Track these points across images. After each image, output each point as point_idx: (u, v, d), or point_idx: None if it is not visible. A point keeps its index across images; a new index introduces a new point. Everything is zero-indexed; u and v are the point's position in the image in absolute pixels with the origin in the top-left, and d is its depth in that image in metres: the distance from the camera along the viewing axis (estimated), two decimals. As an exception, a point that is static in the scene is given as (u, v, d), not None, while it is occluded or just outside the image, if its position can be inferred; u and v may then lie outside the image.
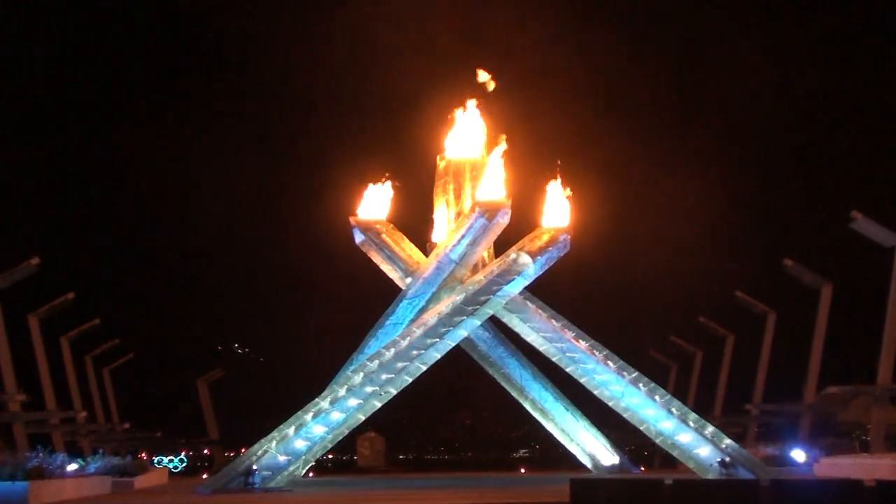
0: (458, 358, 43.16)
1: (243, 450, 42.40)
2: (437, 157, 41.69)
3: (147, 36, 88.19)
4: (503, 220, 38.19)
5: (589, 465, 42.77)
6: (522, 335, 39.19)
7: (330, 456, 64.95)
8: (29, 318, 46.45)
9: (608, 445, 42.78)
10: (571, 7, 74.75)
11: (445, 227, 40.46)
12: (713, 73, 74.47)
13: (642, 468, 48.37)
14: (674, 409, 37.29)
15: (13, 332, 42.84)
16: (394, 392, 36.11)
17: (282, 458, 34.52)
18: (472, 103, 41.87)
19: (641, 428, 37.86)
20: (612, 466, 42.11)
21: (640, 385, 37.32)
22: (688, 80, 79.53)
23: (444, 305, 37.24)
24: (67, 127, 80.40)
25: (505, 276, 37.58)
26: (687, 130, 78.89)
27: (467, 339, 41.06)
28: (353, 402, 35.36)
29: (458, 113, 41.92)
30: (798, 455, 40.16)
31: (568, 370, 38.12)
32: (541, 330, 38.39)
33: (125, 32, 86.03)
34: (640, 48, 77.08)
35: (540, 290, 39.78)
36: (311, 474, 46.43)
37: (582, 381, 37.98)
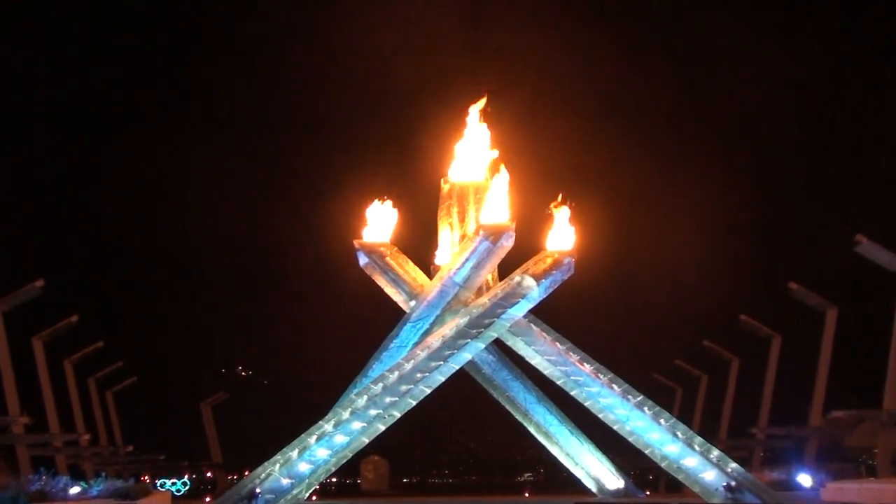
0: (462, 381, 43.03)
1: (246, 473, 42.26)
2: (441, 181, 41.75)
3: (148, 53, 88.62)
4: (507, 243, 38.18)
5: (594, 489, 42.50)
6: (527, 358, 39.08)
7: (333, 479, 64.83)
8: (32, 340, 46.45)
9: (613, 469, 42.53)
10: (574, 19, 75.12)
11: (449, 250, 40.46)
12: (717, 92, 74.73)
13: (647, 492, 48.07)
14: (679, 433, 37.11)
15: (17, 355, 42.82)
16: (398, 415, 36.00)
17: (285, 482, 34.40)
18: (475, 126, 41.93)
19: (646, 452, 37.67)
20: (617, 490, 41.84)
21: (646, 408, 37.17)
22: (691, 101, 79.77)
23: (448, 328, 37.18)
24: (71, 148, 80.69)
25: (509, 300, 37.53)
26: (691, 152, 79.00)
27: (471, 363, 40.94)
28: (356, 425, 35.25)
29: (462, 136, 42.01)
30: (804, 479, 39.94)
31: (572, 393, 37.99)
32: (545, 353, 38.29)
33: (125, 48, 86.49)
34: (643, 62, 77.35)
35: (544, 314, 39.73)
36: (314, 498, 46.21)
37: (586, 404, 37.83)
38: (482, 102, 41.54)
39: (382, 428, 35.93)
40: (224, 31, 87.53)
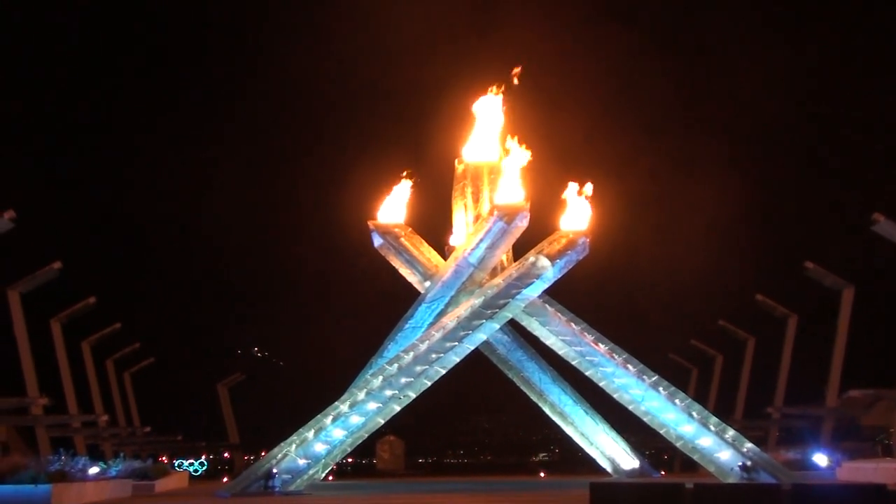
0: (478, 362, 43.11)
1: (263, 453, 42.48)
2: (456, 161, 41.68)
3: (160, 42, 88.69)
4: (522, 223, 38.12)
5: (609, 469, 42.62)
6: (542, 338, 39.11)
7: (349, 460, 65.18)
8: (51, 322, 46.75)
9: (628, 449, 42.62)
10: (585, 8, 74.76)
11: (464, 230, 40.44)
12: (731, 73, 74.30)
13: (662, 472, 48.14)
14: (694, 413, 37.11)
15: (35, 337, 43.13)
16: (413, 396, 36.11)
17: (301, 462, 34.59)
18: (489, 106, 41.78)
19: (661, 432, 37.69)
20: (632, 470, 41.95)
21: (661, 388, 37.16)
22: (706, 82, 79.33)
23: (463, 309, 37.21)
24: (89, 133, 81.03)
25: (524, 280, 37.52)
26: (706, 132, 78.66)
27: (486, 343, 41.02)
28: (372, 405, 35.39)
29: (476, 116, 41.88)
30: (820, 459, 39.86)
31: (587, 374, 38.01)
32: (560, 333, 38.29)
33: (140, 38, 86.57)
34: (655, 49, 76.91)
35: (559, 294, 39.72)
36: (330, 478, 46.52)
37: (601, 384, 37.85)
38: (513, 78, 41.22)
39: (398, 408, 36.06)
40: (242, 16, 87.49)
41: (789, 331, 51.48)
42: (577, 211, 39.79)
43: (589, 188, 39.86)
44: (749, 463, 35.23)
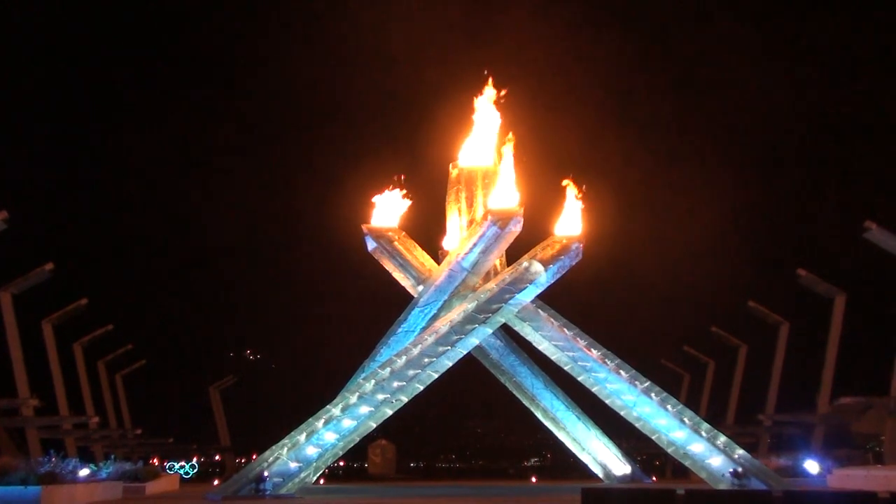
0: (470, 366, 43.10)
1: (254, 456, 42.44)
2: (450, 165, 41.70)
3: (156, 43, 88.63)
4: (515, 228, 38.13)
5: (600, 475, 42.59)
6: (534, 343, 39.09)
7: (341, 463, 65.16)
8: (42, 323, 46.69)
9: (620, 455, 42.60)
10: (580, 13, 74.92)
11: (457, 235, 40.45)
12: (724, 79, 74.44)
13: (654, 478, 48.13)
14: (686, 419, 37.13)
15: (27, 338, 43.07)
16: (405, 400, 36.08)
17: (293, 465, 34.52)
18: (483, 111, 41.84)
19: (653, 437, 37.70)
20: (624, 476, 41.92)
21: (653, 394, 37.18)
22: (698, 87, 79.51)
23: (456, 313, 37.20)
24: (81, 133, 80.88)
25: (517, 285, 37.53)
26: (698, 139, 78.80)
27: (479, 348, 41.00)
28: (364, 409, 35.35)
29: (471, 121, 41.93)
30: (811, 466, 39.91)
31: (580, 379, 38.01)
32: (553, 338, 38.30)
33: (135, 39, 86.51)
34: (648, 53, 77.11)
35: (552, 299, 39.72)
36: (322, 481, 46.45)
37: (594, 389, 37.86)
38: (489, 90, 41.39)
39: (390, 412, 36.00)
40: (236, 20, 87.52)
41: (781, 338, 51.65)
42: (571, 216, 39.81)
43: (577, 197, 39.89)
44: (740, 469, 35.24)
